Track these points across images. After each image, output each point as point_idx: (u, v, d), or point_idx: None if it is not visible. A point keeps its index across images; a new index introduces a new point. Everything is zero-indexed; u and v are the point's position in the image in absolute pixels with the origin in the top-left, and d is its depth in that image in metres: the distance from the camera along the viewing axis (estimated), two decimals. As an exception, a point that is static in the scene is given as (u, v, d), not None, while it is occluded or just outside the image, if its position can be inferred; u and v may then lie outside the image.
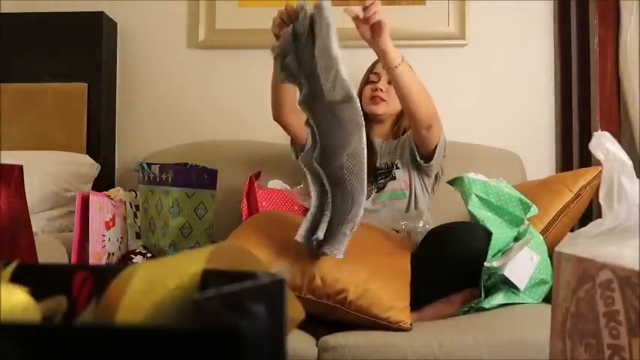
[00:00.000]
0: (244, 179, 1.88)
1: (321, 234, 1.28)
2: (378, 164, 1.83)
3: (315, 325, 1.33)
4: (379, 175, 1.82)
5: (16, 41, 2.21)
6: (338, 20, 1.25)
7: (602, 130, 0.81)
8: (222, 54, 2.33)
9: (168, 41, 2.35)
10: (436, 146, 1.71)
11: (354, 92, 1.22)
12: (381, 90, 1.85)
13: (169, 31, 2.35)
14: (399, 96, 1.60)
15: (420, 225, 1.63)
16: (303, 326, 1.31)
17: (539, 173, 2.12)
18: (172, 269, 0.55)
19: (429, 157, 1.74)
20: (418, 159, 1.75)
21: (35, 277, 0.59)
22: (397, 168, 1.81)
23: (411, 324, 1.33)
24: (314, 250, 1.31)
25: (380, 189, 1.80)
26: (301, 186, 1.87)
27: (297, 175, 1.90)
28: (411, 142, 1.76)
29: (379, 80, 1.87)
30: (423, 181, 1.81)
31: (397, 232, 1.64)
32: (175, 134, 2.29)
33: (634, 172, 0.77)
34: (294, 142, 1.89)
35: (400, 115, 1.89)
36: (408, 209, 1.77)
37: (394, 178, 1.80)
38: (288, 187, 1.91)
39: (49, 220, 1.98)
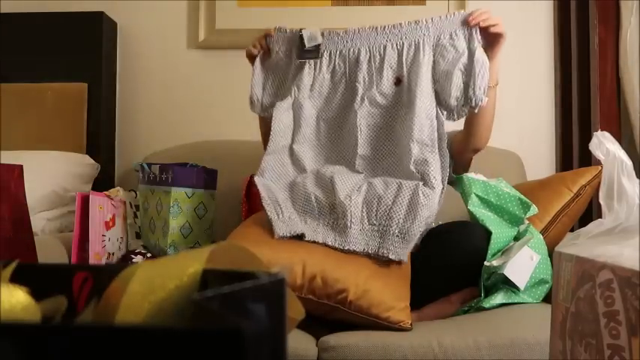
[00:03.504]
0: (244, 179, 1.87)
1: None
2: None
3: (315, 325, 1.33)
4: None
5: (16, 41, 2.20)
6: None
7: (602, 130, 0.81)
8: (222, 54, 2.33)
9: (169, 41, 2.35)
10: (471, 159, 1.70)
11: None
12: None
13: (169, 31, 2.35)
14: (473, 116, 1.54)
15: (433, 225, 1.62)
16: (303, 326, 1.31)
17: (539, 173, 2.12)
18: (172, 269, 0.55)
19: (461, 168, 1.70)
20: (451, 172, 1.68)
21: (35, 277, 0.59)
22: None
23: (411, 324, 1.33)
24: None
25: None
26: None
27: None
28: None
29: None
30: None
31: None
32: (175, 134, 2.29)
33: (634, 172, 0.77)
34: None
35: None
36: None
37: None
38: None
39: (49, 220, 1.97)
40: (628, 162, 0.77)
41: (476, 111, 1.44)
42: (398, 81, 1.46)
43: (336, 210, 1.41)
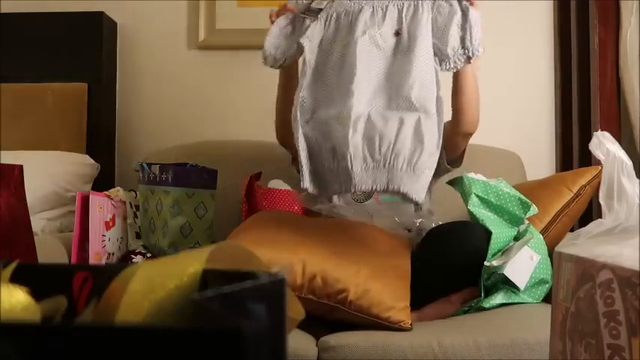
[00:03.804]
0: (244, 179, 1.87)
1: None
2: None
3: (315, 325, 1.33)
4: None
5: (16, 41, 2.20)
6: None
7: (602, 130, 0.81)
8: (222, 54, 2.33)
9: (169, 41, 2.35)
10: (464, 150, 1.69)
11: None
12: None
13: (169, 31, 2.35)
14: (458, 91, 1.58)
15: (433, 225, 1.61)
16: (303, 326, 1.31)
17: (539, 173, 2.12)
18: (172, 269, 0.55)
19: (455, 160, 1.69)
20: (445, 164, 1.68)
21: (35, 277, 0.59)
22: None
23: (411, 324, 1.33)
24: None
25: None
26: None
27: (297, 175, 1.89)
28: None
29: None
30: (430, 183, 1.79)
31: (409, 230, 1.63)
32: (175, 134, 2.29)
33: (634, 172, 0.77)
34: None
35: None
36: (419, 209, 1.74)
37: None
38: (289, 187, 1.90)
39: (49, 220, 1.97)
40: (628, 162, 0.77)
41: (471, 62, 1.46)
42: (397, 33, 1.50)
43: (336, 154, 1.37)
